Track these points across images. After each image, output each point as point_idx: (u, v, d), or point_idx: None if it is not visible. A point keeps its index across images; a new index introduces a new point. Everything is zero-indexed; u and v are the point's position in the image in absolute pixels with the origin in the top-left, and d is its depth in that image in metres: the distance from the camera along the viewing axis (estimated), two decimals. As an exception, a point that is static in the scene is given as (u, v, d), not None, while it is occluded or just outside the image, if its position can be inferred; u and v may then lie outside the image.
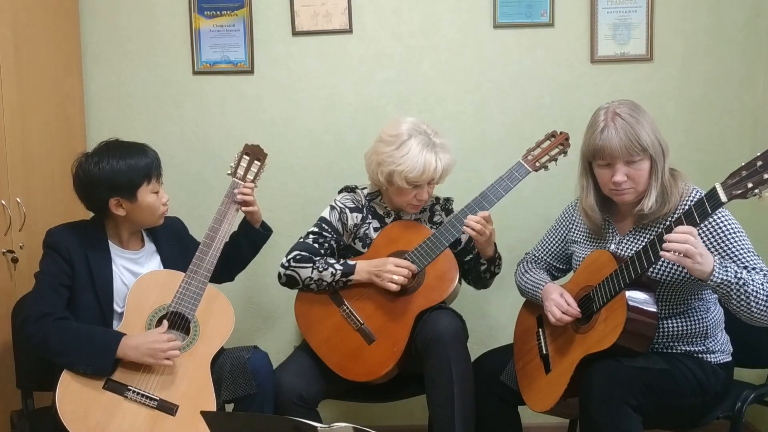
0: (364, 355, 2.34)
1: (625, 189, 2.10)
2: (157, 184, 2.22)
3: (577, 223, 2.35)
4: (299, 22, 2.91)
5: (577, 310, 2.13)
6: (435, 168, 2.33)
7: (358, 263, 2.37)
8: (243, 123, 2.97)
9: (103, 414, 2.05)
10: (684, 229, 1.87)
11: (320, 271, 2.36)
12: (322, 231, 2.47)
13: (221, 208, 2.33)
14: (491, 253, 2.42)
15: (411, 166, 2.30)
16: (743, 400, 2.21)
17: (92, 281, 2.17)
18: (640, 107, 2.12)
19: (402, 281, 2.30)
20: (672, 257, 1.88)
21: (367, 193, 2.55)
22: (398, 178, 2.33)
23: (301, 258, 2.40)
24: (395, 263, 2.32)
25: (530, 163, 2.43)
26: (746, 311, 1.94)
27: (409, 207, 2.44)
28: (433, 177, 2.36)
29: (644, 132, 2.05)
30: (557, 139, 2.46)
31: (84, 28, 2.93)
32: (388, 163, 2.34)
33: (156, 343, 2.10)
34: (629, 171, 2.08)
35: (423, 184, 2.37)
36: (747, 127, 2.93)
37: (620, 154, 2.05)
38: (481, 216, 2.29)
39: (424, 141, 2.34)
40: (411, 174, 2.31)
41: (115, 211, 2.19)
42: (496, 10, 2.88)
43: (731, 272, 1.91)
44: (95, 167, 2.15)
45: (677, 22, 2.89)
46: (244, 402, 2.23)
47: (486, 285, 2.57)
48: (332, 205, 2.51)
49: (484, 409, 2.34)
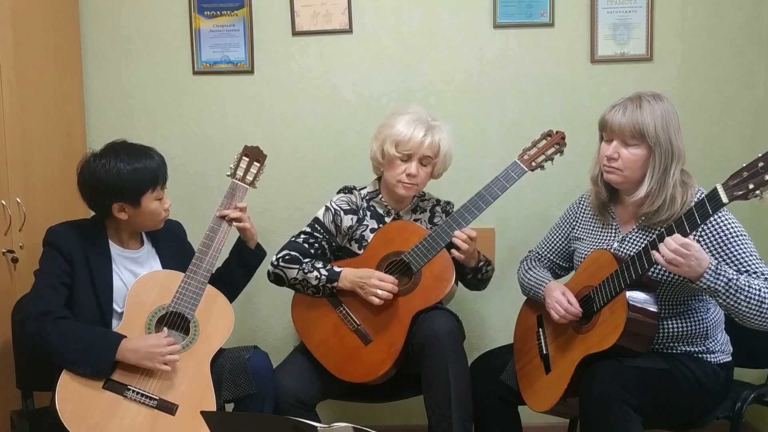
0: (361, 356, 2.34)
1: (613, 168, 2.13)
2: (161, 191, 2.22)
3: (581, 220, 2.36)
4: (299, 22, 2.91)
5: (578, 309, 2.13)
6: (422, 138, 2.36)
7: (344, 271, 2.37)
8: (243, 123, 2.97)
9: (103, 414, 2.05)
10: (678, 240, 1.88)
11: (305, 273, 2.36)
12: (313, 231, 2.47)
13: (221, 208, 2.33)
14: (472, 265, 2.42)
15: (399, 129, 2.36)
16: (743, 400, 2.21)
17: (92, 280, 2.17)
18: (667, 103, 2.11)
19: (386, 296, 2.29)
20: (662, 261, 1.91)
21: (366, 192, 2.55)
22: (389, 144, 2.37)
23: (290, 258, 2.40)
24: (380, 277, 2.31)
25: (526, 163, 2.42)
26: (737, 315, 1.96)
27: (400, 186, 2.40)
28: (419, 148, 2.36)
29: (650, 121, 2.06)
30: (553, 138, 2.46)
31: (84, 28, 2.93)
32: (384, 133, 2.40)
33: (155, 347, 2.09)
34: (623, 152, 2.10)
35: (412, 155, 2.37)
36: (747, 128, 2.93)
37: (619, 131, 2.09)
38: (468, 234, 2.31)
39: (419, 117, 2.41)
40: (399, 137, 2.35)
41: (118, 215, 2.19)
42: (496, 10, 2.89)
43: (722, 281, 1.91)
44: (102, 169, 2.14)
45: (677, 22, 2.89)
46: (244, 402, 2.23)
47: (478, 288, 2.56)
48: (327, 207, 2.51)
49: (484, 409, 2.34)
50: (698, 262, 1.89)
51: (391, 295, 2.30)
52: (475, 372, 2.34)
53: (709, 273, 1.90)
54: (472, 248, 2.34)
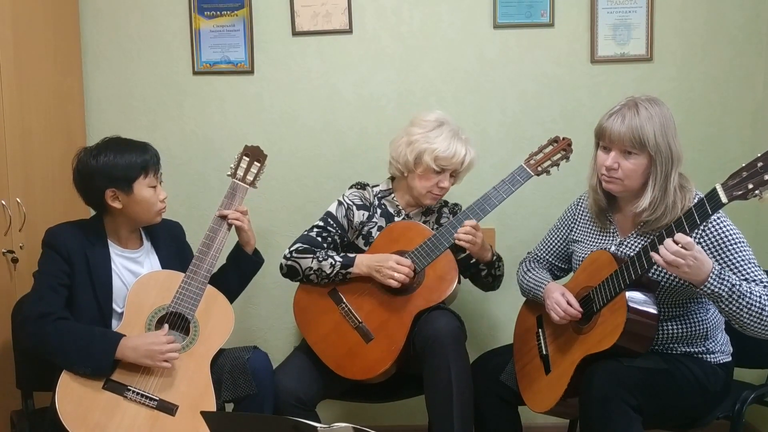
0: (361, 353, 2.34)
1: (613, 178, 2.11)
2: (154, 179, 2.22)
3: (579, 222, 2.36)
4: (299, 22, 2.91)
5: (578, 310, 2.13)
6: (464, 156, 2.41)
7: (359, 256, 2.38)
8: (243, 123, 2.97)
9: (103, 414, 2.05)
10: (681, 239, 1.86)
11: (320, 261, 2.37)
12: (327, 225, 2.48)
13: (222, 208, 2.33)
14: (489, 258, 2.43)
15: (443, 147, 2.38)
16: (743, 400, 2.21)
17: (91, 280, 2.17)
18: (663, 107, 2.10)
19: (403, 279, 2.30)
20: (661, 262, 1.90)
21: (379, 190, 2.56)
22: (428, 157, 2.38)
23: (304, 250, 2.42)
24: (397, 260, 2.32)
25: (532, 168, 2.43)
26: (738, 322, 1.95)
27: (429, 196, 2.45)
28: (459, 165, 2.41)
29: (650, 129, 2.04)
30: (560, 144, 2.46)
31: (84, 28, 2.93)
32: (420, 142, 2.40)
33: (155, 345, 2.10)
34: (623, 162, 2.09)
35: (448, 170, 2.41)
36: (747, 128, 2.93)
37: (618, 140, 2.07)
38: (469, 225, 2.32)
39: (455, 130, 2.43)
40: (442, 154, 2.37)
41: (112, 203, 2.18)
42: (496, 10, 2.89)
43: (726, 285, 1.90)
44: (93, 160, 2.17)
45: (677, 22, 2.89)
46: (244, 402, 2.23)
47: (492, 287, 2.57)
48: (340, 201, 2.52)
49: (484, 410, 2.34)
50: (698, 263, 1.87)
51: (407, 278, 2.31)
52: (474, 372, 2.34)
53: (713, 277, 1.89)
54: (479, 239, 2.34)
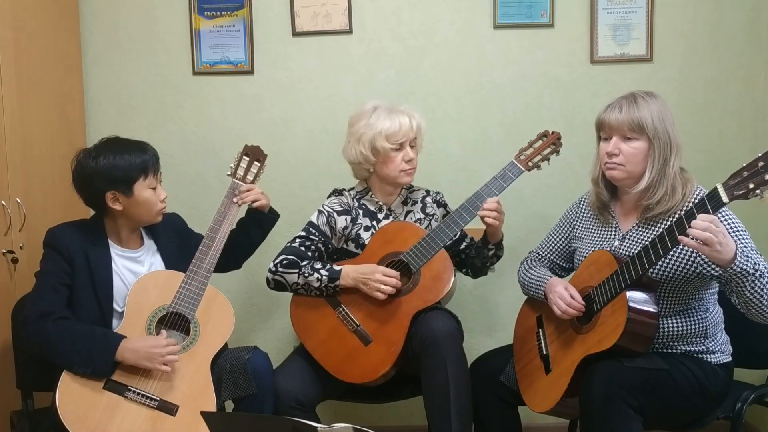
0: (360, 356, 2.34)
1: (615, 163, 2.13)
2: (154, 179, 2.22)
3: (581, 219, 2.36)
4: (299, 22, 2.91)
5: (581, 304, 2.13)
6: (410, 122, 2.43)
7: (344, 268, 2.36)
8: (243, 123, 2.97)
9: (103, 414, 2.05)
10: (706, 218, 1.84)
11: (306, 276, 2.36)
12: (309, 235, 2.47)
13: (221, 208, 2.33)
14: (500, 237, 2.48)
15: (387, 124, 2.40)
16: (743, 400, 2.21)
17: (92, 280, 2.17)
18: (660, 100, 2.15)
19: (389, 291, 2.29)
20: (692, 243, 1.86)
21: (356, 192, 2.56)
22: (380, 140, 2.39)
23: (288, 263, 2.39)
24: (383, 272, 2.31)
25: (523, 163, 2.44)
26: (756, 304, 1.93)
27: (403, 174, 2.45)
28: (411, 133, 2.43)
29: (647, 113, 2.09)
30: (549, 138, 2.47)
31: (84, 28, 2.93)
32: (367, 132, 2.42)
33: (155, 348, 2.10)
34: (623, 146, 2.11)
35: (405, 142, 2.42)
36: (747, 128, 2.93)
37: (617, 126, 2.11)
38: (492, 201, 2.35)
39: (389, 107, 2.46)
40: (390, 130, 2.39)
41: (112, 205, 2.18)
42: (496, 10, 2.89)
43: (750, 263, 1.90)
44: (93, 161, 2.16)
45: (677, 22, 2.89)
46: (244, 402, 2.23)
47: (486, 272, 2.58)
48: (320, 210, 2.51)
49: (484, 410, 2.34)
50: (727, 240, 1.86)
51: (394, 290, 2.30)
52: (474, 373, 2.34)
53: (739, 255, 1.88)
54: (503, 214, 2.38)
